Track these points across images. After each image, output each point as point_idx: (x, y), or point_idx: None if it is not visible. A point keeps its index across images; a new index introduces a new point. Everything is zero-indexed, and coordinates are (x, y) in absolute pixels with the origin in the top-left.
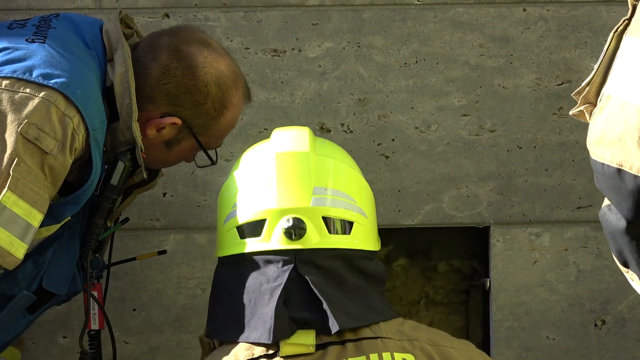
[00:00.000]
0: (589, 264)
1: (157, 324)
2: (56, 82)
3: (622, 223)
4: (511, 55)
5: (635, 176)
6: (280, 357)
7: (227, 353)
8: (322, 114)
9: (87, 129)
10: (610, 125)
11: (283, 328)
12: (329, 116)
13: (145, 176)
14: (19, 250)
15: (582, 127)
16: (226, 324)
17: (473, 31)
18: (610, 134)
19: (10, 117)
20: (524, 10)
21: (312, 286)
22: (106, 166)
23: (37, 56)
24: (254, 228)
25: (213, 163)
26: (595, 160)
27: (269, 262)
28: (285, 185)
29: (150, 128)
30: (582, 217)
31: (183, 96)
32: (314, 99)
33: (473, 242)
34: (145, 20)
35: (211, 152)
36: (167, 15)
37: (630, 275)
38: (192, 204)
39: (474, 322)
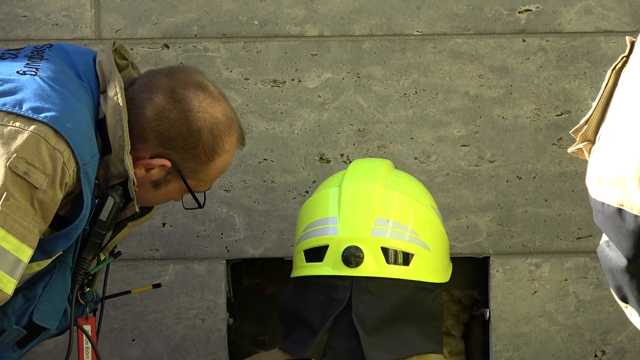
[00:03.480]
0: (588, 295)
1: (157, 354)
2: (46, 116)
3: (623, 261)
4: (510, 85)
5: (636, 216)
6: None
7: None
8: (321, 145)
9: (77, 163)
10: (610, 165)
11: (318, 350)
12: (328, 146)
13: (137, 210)
14: (8, 286)
15: (582, 158)
16: (291, 339)
17: (472, 62)
18: (611, 174)
19: None
20: (524, 40)
21: (353, 320)
22: (97, 201)
23: (28, 89)
24: (317, 253)
25: (200, 206)
26: (595, 200)
27: (328, 286)
28: (348, 214)
29: (139, 168)
30: (581, 248)
31: (174, 139)
32: (313, 130)
33: (473, 273)
34: (144, 51)
35: (200, 195)
36: (167, 46)
37: (629, 310)
38: (191, 234)
39: (474, 353)
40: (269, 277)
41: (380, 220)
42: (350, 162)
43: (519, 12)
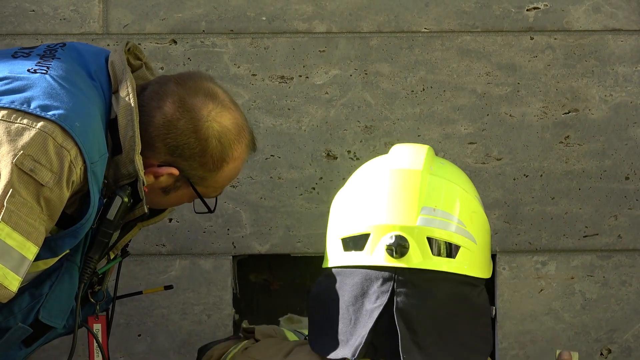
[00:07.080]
0: (594, 293)
1: (163, 350)
2: (54, 114)
3: None
4: (518, 83)
5: None
6: None
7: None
8: (328, 141)
9: (84, 161)
10: None
11: (362, 350)
12: (335, 143)
13: (146, 210)
14: (13, 283)
15: (589, 156)
16: (322, 337)
17: (480, 59)
18: None
19: (5, 148)
20: (531, 38)
21: (395, 318)
22: (104, 200)
23: (38, 87)
24: (358, 241)
25: (210, 211)
26: None
27: (369, 278)
28: (393, 201)
29: (147, 175)
30: (588, 246)
31: (182, 148)
32: (320, 126)
33: None
34: (152, 46)
35: (211, 199)
36: (175, 42)
37: None
38: (198, 229)
39: None
40: (275, 273)
41: (426, 208)
42: (357, 159)
43: (527, 10)
